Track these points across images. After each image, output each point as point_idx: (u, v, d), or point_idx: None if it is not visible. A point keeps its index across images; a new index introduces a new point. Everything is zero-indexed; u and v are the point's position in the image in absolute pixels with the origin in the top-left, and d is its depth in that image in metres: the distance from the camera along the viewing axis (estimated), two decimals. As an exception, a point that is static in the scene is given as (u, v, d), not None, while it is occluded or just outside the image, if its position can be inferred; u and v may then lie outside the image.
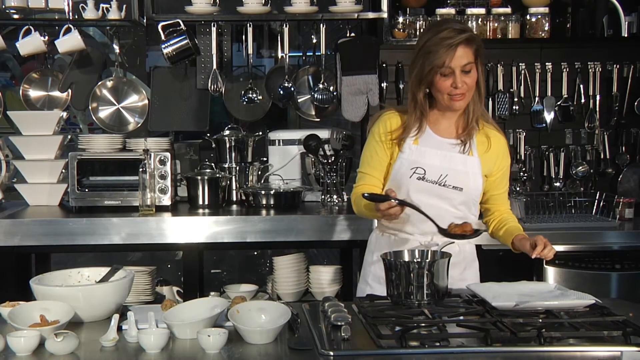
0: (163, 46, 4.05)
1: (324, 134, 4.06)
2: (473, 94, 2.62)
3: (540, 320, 2.18)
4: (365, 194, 2.51)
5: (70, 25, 4.07)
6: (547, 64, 4.25)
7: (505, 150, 2.77)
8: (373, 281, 2.76)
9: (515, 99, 4.25)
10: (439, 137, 2.68)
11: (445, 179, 2.63)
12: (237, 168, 4.10)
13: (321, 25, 4.12)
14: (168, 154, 3.86)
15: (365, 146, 2.78)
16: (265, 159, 4.24)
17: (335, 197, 3.99)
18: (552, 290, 2.44)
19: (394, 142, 2.69)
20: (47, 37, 4.18)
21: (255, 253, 6.76)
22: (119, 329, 2.18)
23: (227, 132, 4.16)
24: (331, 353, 2.00)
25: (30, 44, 4.07)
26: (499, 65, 4.21)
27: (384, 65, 4.19)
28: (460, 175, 2.65)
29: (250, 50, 4.20)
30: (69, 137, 4.30)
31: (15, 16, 4.14)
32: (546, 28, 4.18)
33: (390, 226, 2.74)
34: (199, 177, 3.92)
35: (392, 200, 2.44)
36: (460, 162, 2.66)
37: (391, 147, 2.70)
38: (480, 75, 2.61)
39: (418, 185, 2.64)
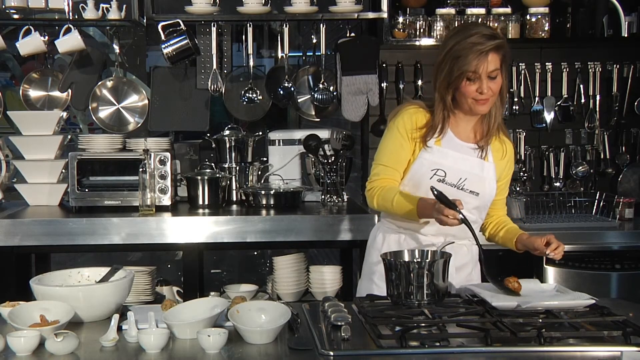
0: (163, 46, 4.05)
1: (324, 134, 4.06)
2: (496, 99, 2.62)
3: (540, 320, 2.18)
4: (436, 190, 2.42)
5: (70, 25, 4.07)
6: (547, 64, 4.25)
7: (513, 158, 2.80)
8: (380, 280, 2.73)
9: (515, 99, 4.25)
10: (459, 141, 2.67)
11: (464, 183, 2.63)
12: (237, 168, 4.10)
13: (321, 25, 4.12)
14: (168, 154, 3.86)
15: (387, 138, 2.70)
16: (265, 159, 4.24)
17: (335, 197, 3.99)
18: (552, 290, 2.44)
19: (418, 140, 2.66)
20: (47, 37, 4.18)
21: (255, 253, 6.77)
22: (119, 329, 2.17)
23: (227, 132, 4.16)
24: (331, 353, 2.00)
25: (30, 44, 4.07)
26: (499, 65, 4.21)
27: (384, 65, 4.19)
28: (477, 180, 2.64)
29: (250, 50, 4.20)
30: (69, 137, 4.31)
31: (15, 16, 4.14)
32: (546, 28, 4.18)
33: (404, 225, 2.72)
34: (199, 177, 3.92)
35: (458, 213, 2.39)
36: (478, 167, 2.66)
37: (414, 144, 2.67)
38: (504, 81, 2.60)
39: (437, 187, 2.62)
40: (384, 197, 2.63)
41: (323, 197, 4.02)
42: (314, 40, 4.26)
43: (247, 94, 4.26)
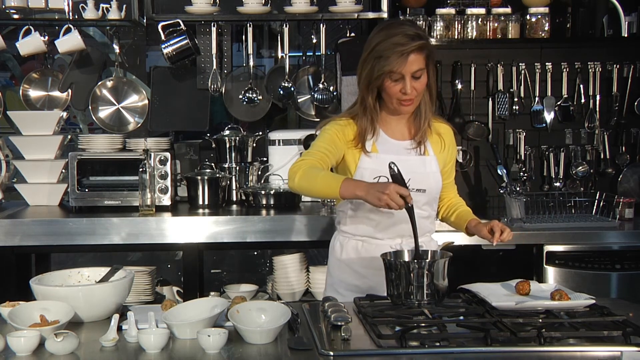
0: (163, 46, 4.05)
1: (324, 134, 4.06)
2: (424, 96, 2.61)
3: (540, 320, 2.18)
4: (393, 163, 2.36)
5: (70, 25, 4.08)
6: (547, 64, 4.25)
7: (453, 141, 2.77)
8: (345, 290, 2.70)
9: (515, 99, 4.25)
10: (394, 140, 2.65)
11: (408, 184, 2.58)
12: (237, 168, 4.10)
13: (321, 25, 4.13)
14: (168, 154, 3.86)
15: (323, 136, 2.63)
16: (265, 159, 4.24)
17: (335, 197, 3.98)
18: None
19: (355, 150, 2.62)
20: (47, 37, 4.18)
21: (255, 253, 6.76)
22: (119, 329, 2.18)
23: (227, 132, 4.16)
24: (331, 353, 2.00)
25: (30, 44, 4.08)
26: (499, 65, 4.21)
27: (384, 65, 4.18)
28: (421, 177, 2.62)
29: (250, 50, 4.21)
30: (69, 137, 4.31)
31: (15, 16, 4.15)
32: (546, 28, 4.18)
33: (358, 233, 2.69)
34: (199, 177, 3.92)
35: (408, 203, 2.34)
36: (420, 164, 2.64)
37: (348, 154, 2.64)
38: (432, 78, 2.58)
39: None
40: (310, 173, 2.49)
41: (323, 197, 4.02)
42: (314, 40, 4.27)
43: (247, 94, 4.27)
